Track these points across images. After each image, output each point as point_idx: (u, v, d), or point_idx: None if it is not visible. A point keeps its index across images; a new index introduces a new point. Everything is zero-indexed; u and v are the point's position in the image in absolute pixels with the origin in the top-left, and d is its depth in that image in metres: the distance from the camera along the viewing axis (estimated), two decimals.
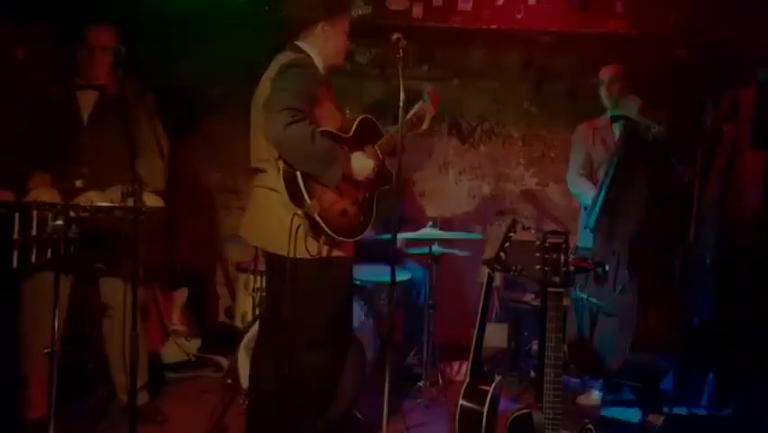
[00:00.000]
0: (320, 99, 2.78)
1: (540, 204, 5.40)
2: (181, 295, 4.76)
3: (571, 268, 2.47)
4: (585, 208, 4.03)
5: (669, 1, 4.35)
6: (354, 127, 2.86)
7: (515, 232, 2.75)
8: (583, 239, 3.97)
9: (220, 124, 5.27)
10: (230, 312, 5.05)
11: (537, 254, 2.38)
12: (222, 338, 4.67)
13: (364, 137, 2.88)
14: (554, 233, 2.38)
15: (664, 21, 4.34)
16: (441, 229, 4.15)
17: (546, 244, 2.36)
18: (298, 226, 2.67)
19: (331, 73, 2.98)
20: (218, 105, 5.21)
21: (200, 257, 5.34)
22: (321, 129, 2.70)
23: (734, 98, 4.42)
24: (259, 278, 4.33)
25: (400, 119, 2.65)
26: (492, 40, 4.96)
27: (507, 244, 2.71)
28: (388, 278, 2.72)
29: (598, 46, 4.53)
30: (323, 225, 2.68)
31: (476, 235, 4.57)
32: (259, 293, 4.27)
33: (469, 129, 5.44)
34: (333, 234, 2.70)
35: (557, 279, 2.34)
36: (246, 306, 4.41)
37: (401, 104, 2.63)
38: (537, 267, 2.36)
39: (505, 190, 5.45)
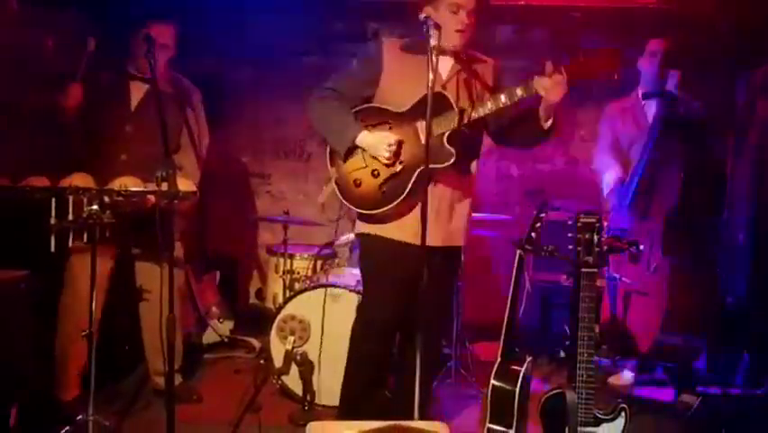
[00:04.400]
0: (388, 75, 2.87)
1: (570, 184, 5.35)
2: (213, 278, 4.83)
3: (605, 248, 2.44)
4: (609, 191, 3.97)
5: None
6: (414, 102, 2.79)
7: (546, 213, 2.74)
8: (615, 219, 3.94)
9: (248, 107, 5.31)
10: (260, 294, 5.10)
11: (570, 234, 2.37)
12: (253, 320, 4.73)
13: (423, 111, 2.62)
14: (587, 212, 2.36)
15: None
16: None
17: (579, 224, 2.34)
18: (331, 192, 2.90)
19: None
20: (246, 88, 5.25)
21: (231, 241, 5.40)
22: (366, 105, 2.88)
23: (767, 74, 4.33)
24: (288, 261, 4.39)
25: (429, 107, 2.49)
26: (521, 16, 4.90)
27: (538, 225, 2.69)
28: None
29: (630, 21, 4.46)
30: (336, 191, 2.88)
31: (504, 216, 4.54)
32: (289, 276, 4.32)
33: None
34: (344, 202, 2.89)
35: (590, 259, 2.33)
36: (277, 288, 4.45)
37: (429, 87, 2.53)
38: (570, 247, 2.35)
39: (534, 170, 5.41)
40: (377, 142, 2.79)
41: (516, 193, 5.42)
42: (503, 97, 2.69)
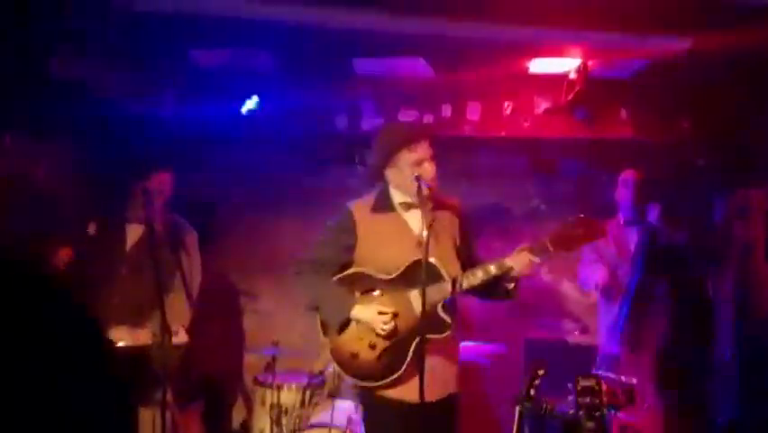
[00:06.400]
0: (364, 240, 2.89)
1: (555, 300, 5.40)
2: (198, 408, 4.70)
3: (604, 410, 2.44)
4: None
5: (678, 108, 4.45)
6: (402, 269, 2.81)
7: (544, 371, 2.75)
8: (606, 345, 3.96)
9: (237, 226, 5.34)
10: (246, 426, 4.94)
11: (570, 397, 2.38)
12: None
13: (413, 280, 2.77)
14: (586, 375, 2.38)
15: (675, 126, 4.44)
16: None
17: (579, 387, 2.36)
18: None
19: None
20: (237, 209, 5.30)
21: (216, 363, 5.30)
22: (352, 271, 2.87)
23: (744, 197, 4.49)
24: (276, 393, 4.25)
25: (423, 261, 2.59)
26: (501, 145, 5.07)
27: (536, 381, 2.70)
28: None
29: (606, 150, 4.63)
30: (333, 363, 2.86)
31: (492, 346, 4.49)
32: (276, 410, 4.18)
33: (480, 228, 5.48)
34: (342, 373, 2.86)
35: (591, 424, 2.34)
36: (263, 422, 4.28)
37: (425, 239, 2.62)
38: (571, 411, 2.35)
39: (520, 287, 5.44)
40: (373, 317, 2.77)
41: (500, 309, 5.43)
42: (493, 269, 2.79)
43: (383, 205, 2.93)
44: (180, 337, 3.10)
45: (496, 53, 4.02)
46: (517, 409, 2.74)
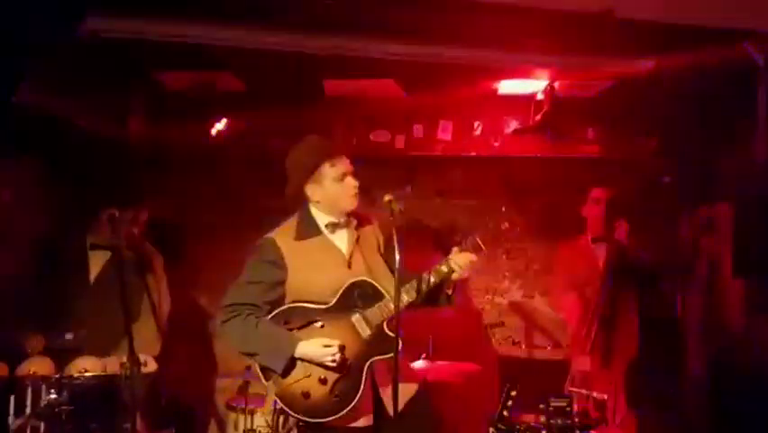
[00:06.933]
0: (293, 270, 2.74)
1: (528, 315, 5.43)
2: None
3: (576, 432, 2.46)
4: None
5: (644, 126, 4.54)
6: (339, 294, 2.71)
7: (516, 391, 2.77)
8: (577, 362, 3.99)
9: (206, 248, 5.29)
10: None
11: (542, 419, 2.39)
12: None
13: (353, 303, 2.72)
14: (558, 396, 2.40)
15: (641, 144, 4.52)
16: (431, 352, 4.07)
17: (551, 408, 2.37)
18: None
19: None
20: (205, 231, 5.26)
21: (187, 390, 5.21)
22: (286, 306, 2.72)
23: (709, 213, 4.57)
24: (249, 418, 4.21)
25: (396, 286, 2.55)
26: (471, 164, 5.12)
27: (509, 402, 2.71)
28: None
29: (574, 167, 4.70)
30: (284, 406, 2.66)
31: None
32: None
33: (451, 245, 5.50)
34: (296, 416, 2.66)
35: None
36: None
37: (396, 267, 2.55)
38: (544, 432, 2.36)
39: (492, 303, 5.48)
40: (319, 353, 2.62)
41: (471, 327, 5.44)
42: (432, 278, 2.74)
43: (307, 229, 2.80)
44: (149, 367, 3.04)
45: (465, 75, 4.06)
46: (491, 430, 2.74)
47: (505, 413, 2.70)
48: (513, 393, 2.73)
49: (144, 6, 3.15)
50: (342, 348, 2.63)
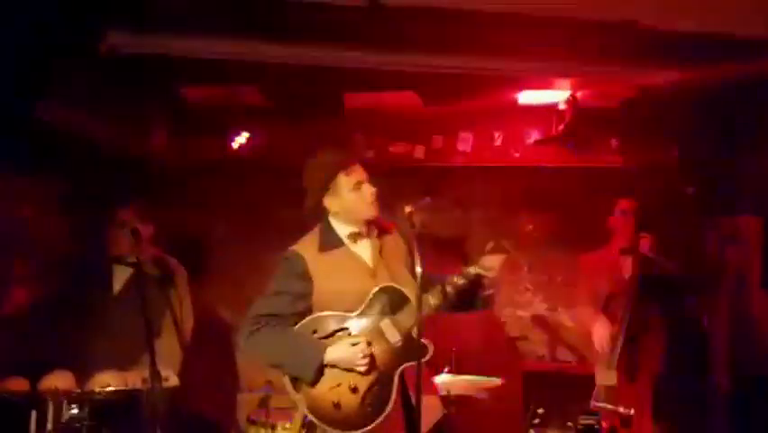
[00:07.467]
0: (319, 282, 2.73)
1: (552, 329, 5.36)
2: None
3: None
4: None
5: (667, 136, 4.49)
6: (366, 302, 2.70)
7: (542, 408, 2.72)
8: (602, 377, 3.92)
9: (227, 261, 5.29)
10: None
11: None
12: None
13: (380, 309, 2.70)
14: (588, 413, 2.35)
15: (664, 155, 4.46)
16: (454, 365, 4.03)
17: (580, 426, 2.32)
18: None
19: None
20: (226, 243, 5.27)
21: (208, 404, 5.20)
22: (314, 316, 2.70)
23: (734, 224, 4.49)
24: (270, 431, 4.19)
25: (418, 298, 2.52)
26: (492, 175, 5.08)
27: (536, 421, 2.66)
28: None
29: (597, 178, 4.64)
30: (316, 420, 2.62)
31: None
32: None
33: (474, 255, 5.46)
34: (329, 429, 2.61)
35: None
36: None
37: (418, 279, 2.54)
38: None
39: (514, 316, 5.42)
40: (348, 353, 2.61)
41: (496, 340, 5.38)
42: (459, 280, 2.72)
43: (330, 241, 2.79)
44: (171, 381, 3.03)
45: (485, 85, 4.04)
46: None
47: (532, 432, 2.65)
48: (540, 411, 2.68)
49: (165, 22, 3.17)
50: (368, 343, 2.62)
